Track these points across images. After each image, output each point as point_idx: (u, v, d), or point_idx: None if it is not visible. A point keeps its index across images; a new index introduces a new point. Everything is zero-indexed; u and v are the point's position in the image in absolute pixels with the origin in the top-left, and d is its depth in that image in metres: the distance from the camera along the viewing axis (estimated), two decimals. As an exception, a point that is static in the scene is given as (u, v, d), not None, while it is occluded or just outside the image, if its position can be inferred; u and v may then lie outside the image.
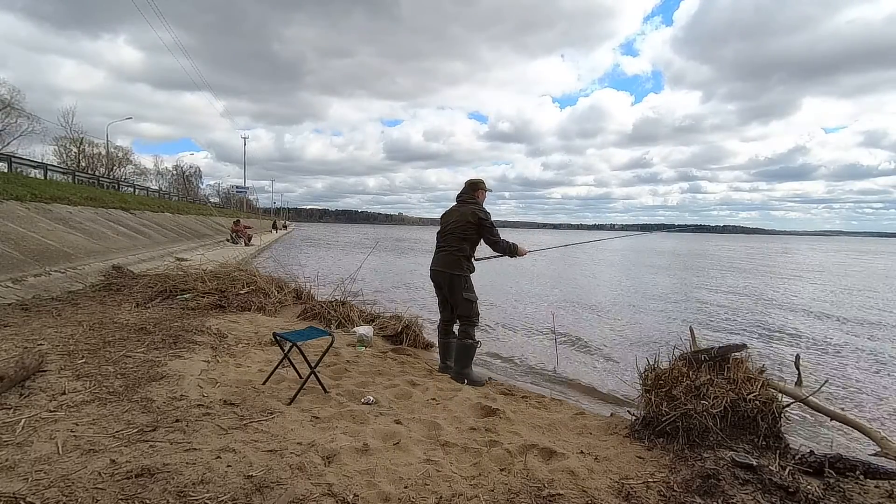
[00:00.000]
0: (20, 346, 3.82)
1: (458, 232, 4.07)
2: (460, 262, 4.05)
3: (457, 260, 4.06)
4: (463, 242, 4.06)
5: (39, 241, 8.74)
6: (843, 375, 5.43)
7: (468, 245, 4.07)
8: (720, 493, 2.13)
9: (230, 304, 6.17)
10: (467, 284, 4.08)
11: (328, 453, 2.37)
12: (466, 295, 4.06)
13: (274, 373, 3.45)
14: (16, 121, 30.17)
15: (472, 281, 4.13)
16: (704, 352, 3.04)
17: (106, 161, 41.84)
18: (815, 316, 9.53)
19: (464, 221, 4.07)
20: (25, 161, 21.60)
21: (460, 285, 4.05)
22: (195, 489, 1.97)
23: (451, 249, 4.09)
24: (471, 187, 4.27)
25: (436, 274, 4.18)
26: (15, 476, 1.99)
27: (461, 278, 4.05)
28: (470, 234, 4.06)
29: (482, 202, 4.26)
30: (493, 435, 2.79)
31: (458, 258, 4.06)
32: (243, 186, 43.25)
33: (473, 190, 4.25)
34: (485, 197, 4.30)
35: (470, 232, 4.05)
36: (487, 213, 4.10)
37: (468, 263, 4.09)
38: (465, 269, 4.06)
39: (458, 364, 4.07)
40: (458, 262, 4.05)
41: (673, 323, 8.29)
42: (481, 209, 4.13)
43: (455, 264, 4.06)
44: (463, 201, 4.23)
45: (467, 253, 4.07)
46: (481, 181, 4.31)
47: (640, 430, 2.82)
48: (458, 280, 4.05)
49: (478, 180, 4.30)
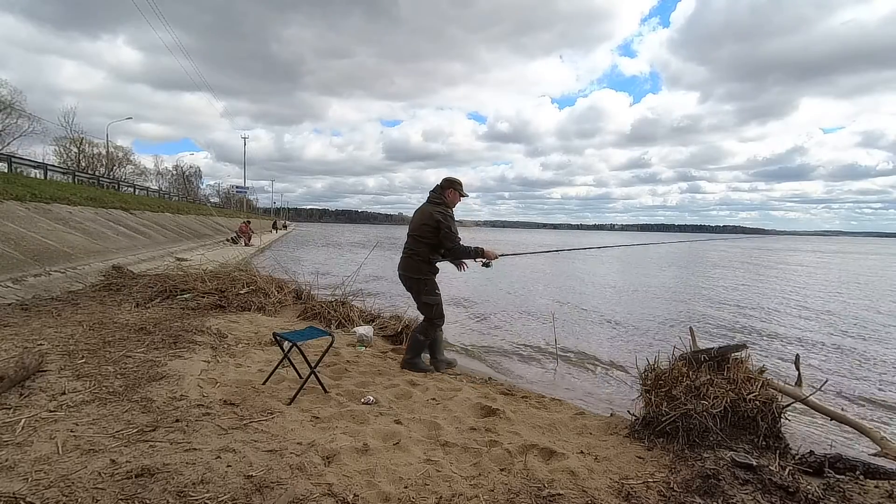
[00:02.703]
0: (20, 346, 3.82)
1: (417, 234, 4.01)
2: (419, 267, 4.01)
3: (415, 264, 4.02)
4: (421, 245, 3.98)
5: (39, 241, 8.74)
6: (843, 375, 5.42)
7: (426, 248, 3.98)
8: (720, 493, 2.13)
9: (230, 304, 6.17)
10: (426, 288, 4.03)
11: (328, 453, 2.37)
12: (426, 298, 4.04)
13: (274, 373, 3.45)
14: (17, 121, 30.20)
15: (433, 283, 4.07)
16: (704, 352, 3.04)
17: (106, 161, 41.85)
18: (815, 316, 9.53)
19: (423, 223, 3.97)
20: (25, 161, 21.62)
21: (419, 289, 4.04)
22: (195, 489, 1.97)
23: (410, 253, 4.05)
24: (443, 184, 4.11)
25: (400, 277, 4.16)
26: (15, 476, 1.99)
27: (420, 282, 4.02)
28: (428, 237, 3.96)
29: (452, 203, 4.09)
30: (493, 435, 2.79)
31: (416, 262, 4.02)
32: (243, 186, 43.25)
33: (443, 189, 4.09)
34: (456, 198, 4.12)
35: (428, 235, 3.95)
36: (448, 217, 3.96)
37: (427, 266, 4.02)
38: (423, 272, 4.02)
39: (409, 353, 4.16)
40: (417, 267, 4.02)
41: (673, 323, 8.29)
42: (442, 211, 3.96)
43: (414, 268, 4.03)
44: (430, 200, 4.10)
45: (426, 257, 4.00)
46: (455, 181, 4.13)
47: (640, 430, 2.82)
48: (418, 284, 4.03)
49: (452, 179, 4.14)
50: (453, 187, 4.11)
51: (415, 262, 4.02)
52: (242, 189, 43.06)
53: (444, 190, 4.10)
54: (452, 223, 3.98)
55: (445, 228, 3.91)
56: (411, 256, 4.03)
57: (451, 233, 3.93)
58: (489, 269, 4.17)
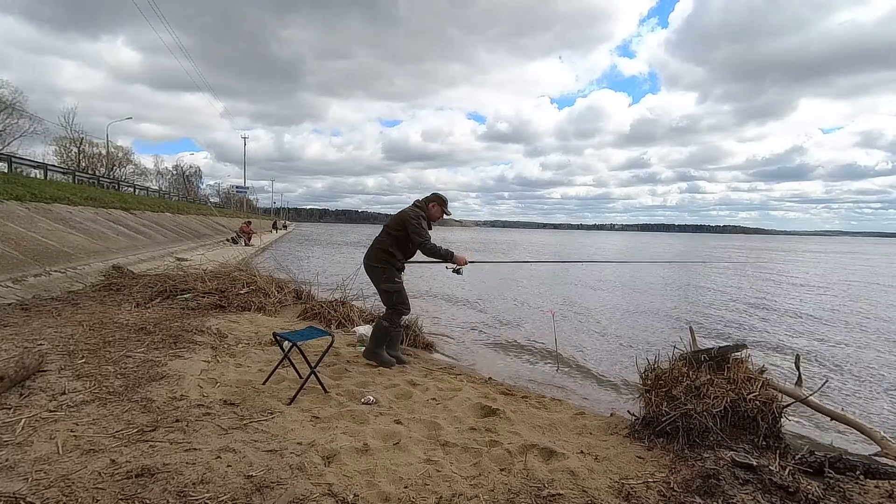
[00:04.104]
0: (20, 346, 3.82)
1: (389, 227, 4.17)
2: (379, 255, 4.13)
3: (376, 252, 4.14)
4: (388, 237, 4.12)
5: (39, 241, 8.75)
6: (843, 375, 5.42)
7: (391, 240, 4.11)
8: (720, 493, 2.13)
9: (230, 304, 6.18)
10: (385, 276, 4.12)
11: (328, 453, 2.37)
12: (384, 286, 4.12)
13: (274, 373, 3.45)
14: (17, 121, 30.18)
15: (392, 272, 4.14)
16: (704, 352, 3.04)
17: (106, 161, 41.83)
18: (814, 316, 9.52)
19: (398, 219, 4.14)
20: (26, 161, 21.60)
21: (379, 276, 4.13)
22: (195, 489, 1.97)
23: (374, 243, 4.19)
24: (429, 196, 4.28)
25: (364, 267, 4.28)
26: (15, 476, 1.99)
27: (379, 269, 4.12)
28: (398, 232, 4.10)
29: (433, 216, 4.24)
30: (493, 435, 2.79)
31: (377, 250, 4.14)
32: (243, 186, 43.27)
33: (429, 200, 4.26)
34: (438, 213, 4.27)
35: (399, 229, 4.09)
36: (420, 217, 4.11)
37: (386, 256, 4.11)
38: (383, 261, 4.12)
39: (372, 342, 4.17)
40: (377, 254, 4.13)
41: (673, 323, 8.29)
42: (416, 212, 4.13)
43: (374, 256, 4.15)
44: (414, 204, 4.27)
45: (386, 247, 4.10)
46: (443, 197, 4.28)
47: (641, 430, 2.82)
48: (377, 271, 4.14)
49: (440, 195, 4.31)
50: (438, 202, 4.26)
51: (376, 251, 4.15)
52: (242, 189, 43.09)
53: (430, 202, 4.26)
54: (423, 222, 4.13)
55: (415, 223, 4.06)
56: (374, 246, 4.18)
57: (420, 228, 4.07)
58: (460, 276, 4.25)
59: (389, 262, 4.13)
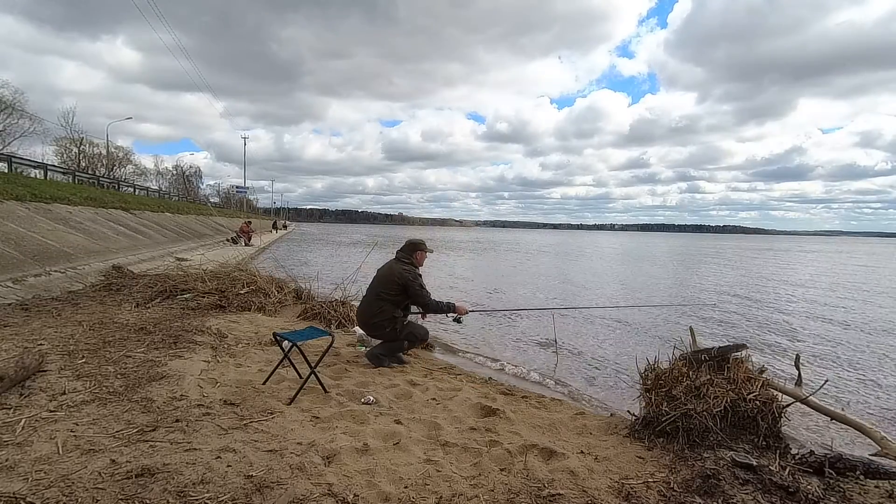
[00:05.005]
0: (20, 346, 3.82)
1: (381, 289, 4.09)
2: (384, 323, 4.08)
3: (380, 323, 4.09)
4: (385, 303, 4.05)
5: (39, 241, 8.75)
6: (843, 375, 5.42)
7: (390, 305, 4.05)
8: (720, 493, 2.13)
9: (230, 304, 6.18)
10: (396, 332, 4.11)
11: (328, 453, 2.37)
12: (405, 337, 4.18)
13: (274, 373, 3.45)
14: (17, 121, 30.16)
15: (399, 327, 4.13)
16: (704, 352, 3.04)
17: (106, 161, 41.81)
18: (814, 317, 9.52)
19: (389, 279, 4.08)
20: (26, 161, 21.59)
21: (389, 335, 4.13)
22: (195, 489, 1.97)
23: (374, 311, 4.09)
24: (409, 247, 4.27)
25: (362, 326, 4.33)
26: (15, 476, 1.99)
27: (388, 332, 4.11)
28: (391, 294, 4.05)
29: (419, 263, 4.28)
30: (493, 435, 2.79)
31: (381, 322, 4.08)
32: (243, 186, 43.31)
33: (412, 251, 4.26)
34: (423, 259, 4.33)
35: (393, 291, 4.05)
36: (416, 275, 4.12)
37: (391, 322, 4.08)
38: (388, 324, 4.08)
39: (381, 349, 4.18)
40: (382, 325, 4.09)
41: (672, 323, 8.29)
42: (410, 270, 4.12)
43: (379, 325, 4.11)
44: (398, 259, 4.23)
45: (389, 314, 4.06)
46: (420, 243, 4.31)
47: (640, 430, 2.82)
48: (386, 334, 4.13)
49: (418, 241, 4.32)
50: (419, 249, 4.29)
51: (380, 321, 4.09)
52: (242, 189, 43.13)
53: (413, 252, 4.26)
54: (420, 279, 4.13)
55: (416, 287, 4.06)
56: (375, 315, 4.09)
57: (422, 290, 4.08)
58: (461, 324, 4.32)
59: (393, 324, 4.10)
